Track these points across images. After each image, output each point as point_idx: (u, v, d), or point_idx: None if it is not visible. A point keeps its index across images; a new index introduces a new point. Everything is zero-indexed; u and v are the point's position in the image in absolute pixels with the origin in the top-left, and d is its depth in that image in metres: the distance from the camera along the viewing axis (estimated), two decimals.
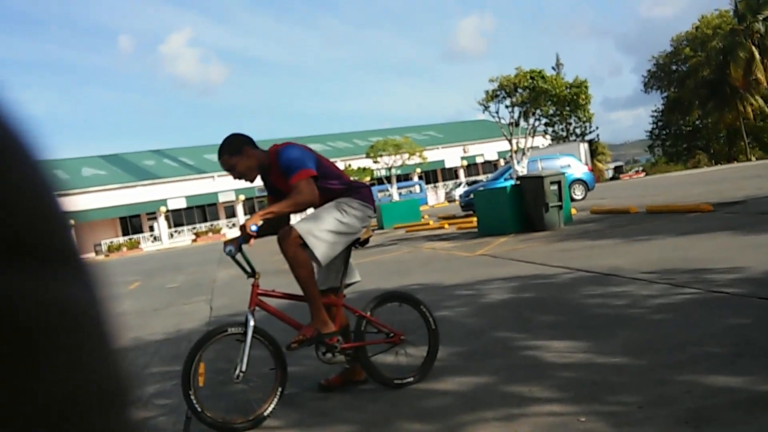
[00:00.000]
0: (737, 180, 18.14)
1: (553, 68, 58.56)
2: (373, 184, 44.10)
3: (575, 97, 15.60)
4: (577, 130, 57.41)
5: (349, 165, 40.64)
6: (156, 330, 6.91)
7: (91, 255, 43.81)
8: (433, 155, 50.84)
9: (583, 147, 38.10)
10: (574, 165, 21.35)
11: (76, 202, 43.98)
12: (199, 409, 3.20)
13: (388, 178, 26.41)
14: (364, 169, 37.98)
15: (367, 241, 3.80)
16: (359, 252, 13.16)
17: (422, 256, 10.58)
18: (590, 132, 58.25)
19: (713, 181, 19.36)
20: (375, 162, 26.76)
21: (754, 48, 42.55)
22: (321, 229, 3.48)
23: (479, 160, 56.74)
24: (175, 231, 47.28)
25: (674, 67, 56.75)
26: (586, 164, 25.84)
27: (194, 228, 47.45)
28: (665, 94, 57.93)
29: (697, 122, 56.78)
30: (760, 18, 42.89)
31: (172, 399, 4.03)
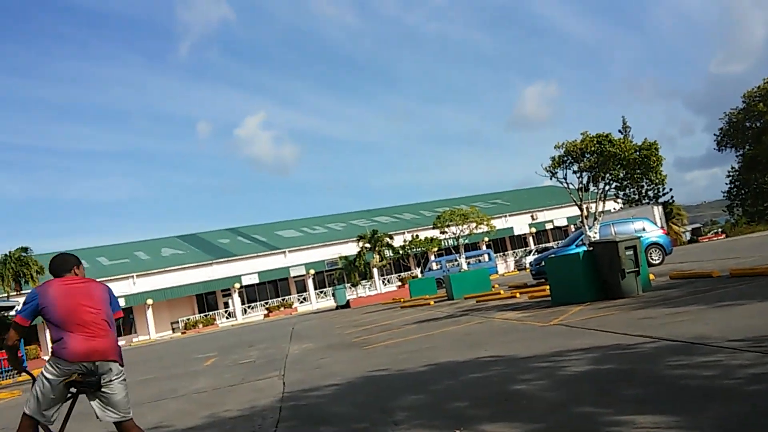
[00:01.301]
0: None
1: (620, 131, 57.82)
2: (441, 254, 43.99)
3: (645, 160, 15.25)
4: (650, 193, 55.91)
5: (416, 236, 40.79)
6: (231, 407, 6.97)
7: (169, 333, 45.04)
8: (500, 223, 50.46)
9: (658, 210, 37.00)
10: (649, 228, 20.70)
11: (156, 282, 45.56)
12: None
13: (456, 248, 26.25)
14: (432, 239, 38.00)
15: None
16: (429, 324, 13.09)
17: (494, 326, 10.36)
18: (664, 194, 56.59)
19: None
20: (442, 233, 26.73)
21: None
22: None
23: (548, 226, 55.86)
24: (249, 306, 48.18)
25: (748, 124, 55.02)
26: (662, 227, 25.01)
27: (266, 303, 48.23)
28: (740, 152, 55.99)
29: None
30: None
31: None
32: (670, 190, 57.82)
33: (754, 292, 8.76)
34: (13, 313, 29.49)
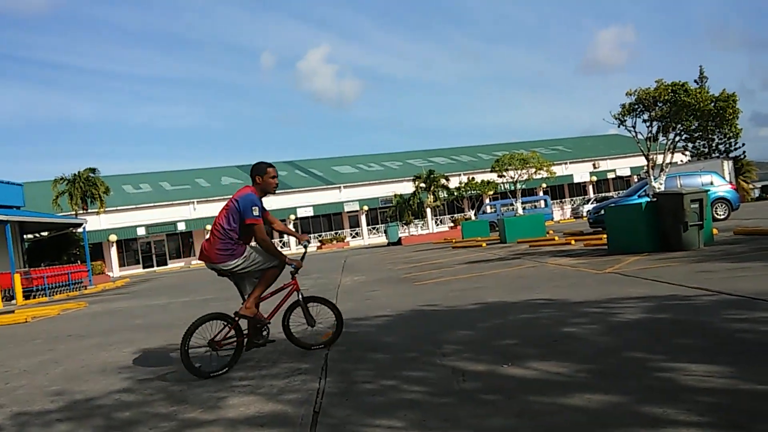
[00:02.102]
0: None
1: (696, 81, 55.01)
2: (496, 198, 43.59)
3: (721, 112, 14.55)
4: (721, 147, 53.49)
5: (472, 178, 40.44)
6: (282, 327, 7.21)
7: None
8: (560, 170, 49.39)
9: (728, 164, 35.46)
10: (717, 183, 19.93)
11: (215, 209, 47.01)
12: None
13: (513, 192, 25.95)
14: (488, 182, 37.62)
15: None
16: (479, 265, 13.18)
17: (547, 271, 10.30)
18: (736, 148, 54.04)
19: None
20: (500, 176, 26.40)
21: None
22: None
23: (610, 176, 54.41)
24: None
25: None
26: (730, 182, 24.02)
27: (320, 236, 49.15)
28: None
29: None
30: None
31: (299, 393, 4.20)
32: (743, 144, 55.20)
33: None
34: (80, 230, 31.00)
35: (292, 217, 47.09)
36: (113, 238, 43.29)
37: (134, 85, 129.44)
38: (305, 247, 5.70)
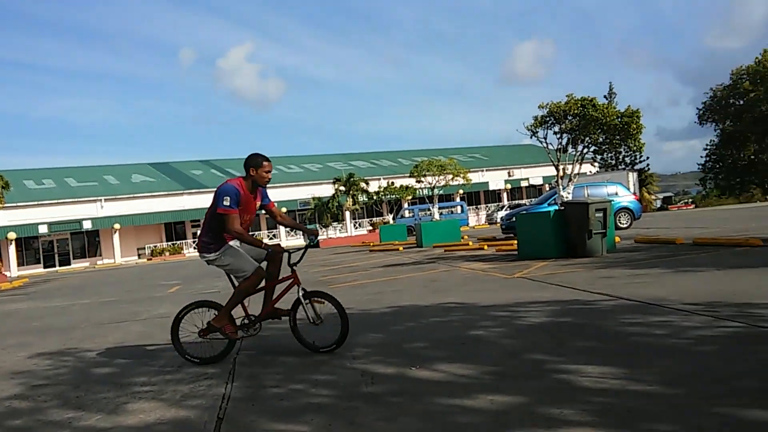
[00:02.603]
0: None
1: (605, 97, 57.89)
2: (414, 203, 44.17)
3: (626, 127, 15.36)
4: (627, 159, 56.45)
5: (392, 183, 40.79)
6: (192, 333, 7.02)
7: (134, 258, 44.87)
8: (477, 177, 50.66)
9: (632, 176, 37.41)
10: (621, 193, 20.97)
11: (124, 207, 45.09)
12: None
13: (430, 198, 26.37)
14: (407, 187, 38.06)
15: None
16: (395, 269, 13.23)
17: (459, 275, 10.52)
18: (641, 161, 57.21)
19: (765, 217, 18.76)
20: (418, 181, 26.77)
21: None
22: None
23: (524, 184, 56.28)
24: None
25: (731, 101, 55.38)
26: (634, 193, 25.36)
27: None
28: (720, 128, 56.51)
29: (753, 157, 55.16)
30: None
31: (204, 399, 4.09)
32: (647, 158, 58.54)
33: (714, 261, 9.00)
34: None
35: None
36: (12, 235, 40.79)
37: (39, 76, 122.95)
38: (312, 242, 5.48)
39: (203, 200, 45.95)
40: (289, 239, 48.91)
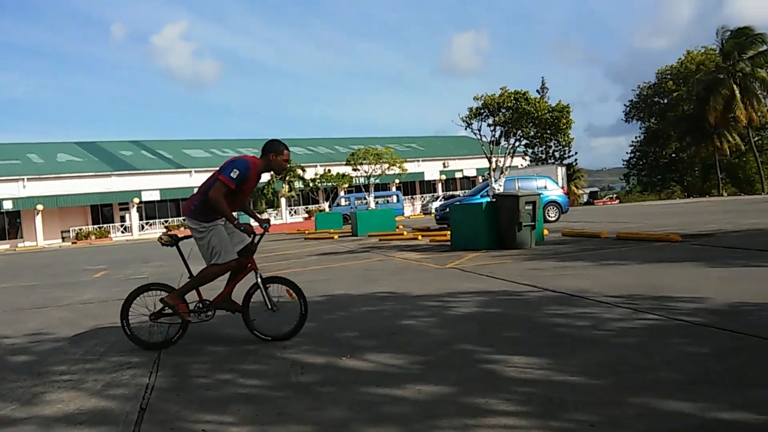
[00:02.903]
0: (708, 214, 18.49)
1: (537, 91, 59.32)
2: (350, 191, 44.12)
3: (556, 121, 15.77)
4: (557, 154, 58.10)
5: (329, 170, 40.61)
6: (117, 320, 6.80)
7: (58, 241, 43.04)
8: (413, 167, 51.03)
9: (561, 170, 38.56)
10: (550, 187, 21.58)
11: (48, 187, 43.10)
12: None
13: (366, 187, 26.41)
14: (343, 175, 37.97)
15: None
16: (329, 258, 13.20)
17: (393, 264, 10.59)
18: (569, 156, 58.97)
19: (684, 213, 19.71)
20: (354, 170, 26.74)
21: (735, 86, 43.48)
22: None
23: (458, 175, 57.10)
24: (147, 223, 46.74)
25: (656, 99, 57.78)
26: (562, 187, 26.15)
27: (166, 221, 46.93)
28: (645, 125, 58.93)
29: (674, 155, 57.82)
30: (745, 57, 43.83)
31: (127, 389, 3.97)
32: (576, 153, 60.41)
33: (636, 254, 9.39)
34: None
35: (136, 200, 44.52)
36: None
37: None
38: (265, 229, 5.34)
39: (132, 182, 44.47)
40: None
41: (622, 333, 4.56)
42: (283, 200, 45.25)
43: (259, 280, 5.07)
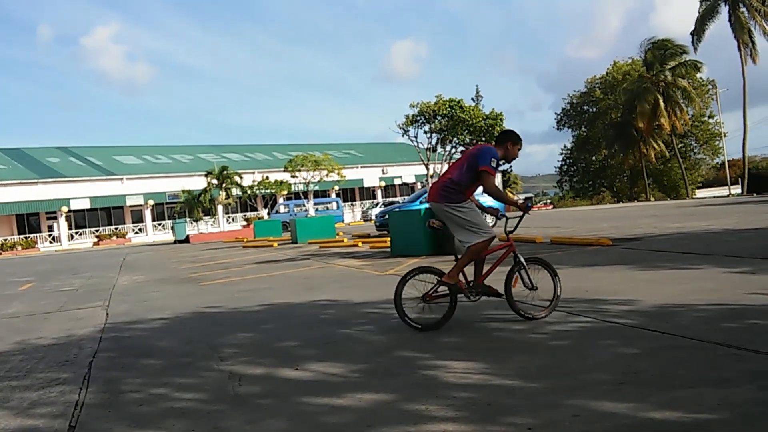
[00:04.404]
0: (636, 218, 19.21)
1: (472, 99, 60.50)
2: (290, 198, 43.72)
3: (490, 129, 16.09)
4: None
5: (267, 177, 40.12)
6: (45, 334, 6.51)
7: None
8: (352, 174, 51.03)
9: (497, 177, 39.34)
10: None
11: None
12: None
13: (305, 194, 26.24)
14: (282, 182, 37.60)
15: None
16: (269, 266, 13.01)
17: (333, 272, 10.55)
18: (503, 163, 60.20)
19: (614, 218, 20.42)
20: (293, 176, 26.52)
21: (659, 95, 45.44)
22: None
23: (397, 182, 57.47)
24: (76, 232, 45.02)
25: (586, 108, 59.78)
26: None
27: (97, 230, 45.34)
28: (576, 133, 60.85)
29: (604, 161, 59.92)
30: (667, 68, 45.88)
31: (55, 406, 3.79)
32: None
33: (569, 258, 9.65)
34: None
35: (65, 208, 42.81)
36: None
37: None
38: (526, 211, 5.53)
39: (60, 190, 42.74)
40: (156, 233, 46.75)
41: (557, 336, 4.67)
42: (220, 208, 44.43)
43: (522, 259, 5.38)
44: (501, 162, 5.27)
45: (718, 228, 12.97)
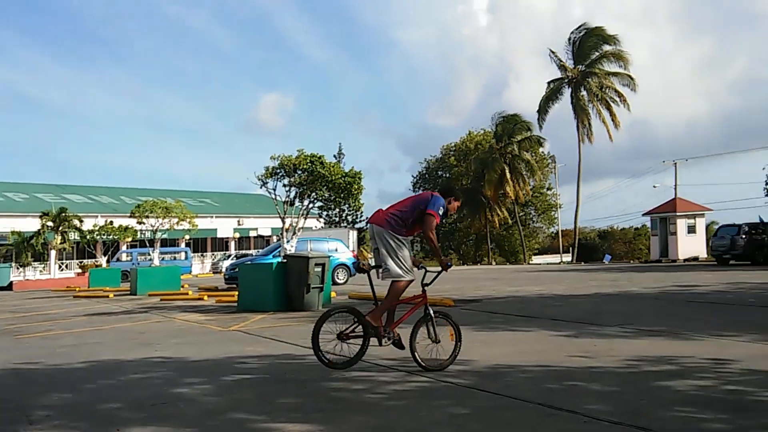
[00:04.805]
0: (478, 280, 20.24)
1: (335, 156, 61.63)
2: (134, 246, 41.28)
3: (349, 186, 16.35)
4: (349, 217, 60.24)
5: (110, 222, 37.74)
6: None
7: None
8: (205, 223, 49.40)
9: (352, 234, 39.97)
10: (341, 249, 22.19)
11: None
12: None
13: (152, 242, 24.91)
14: (126, 228, 35.48)
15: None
16: (102, 318, 12.16)
17: (173, 327, 9.99)
18: (361, 220, 61.45)
19: (459, 279, 21.36)
20: (140, 223, 25.10)
21: (505, 166, 48.93)
22: None
23: (253, 234, 56.41)
24: None
25: (440, 173, 62.92)
26: (353, 250, 27.02)
27: None
28: None
29: (453, 225, 62.99)
30: (514, 141, 49.69)
31: None
32: (367, 218, 63.29)
33: (413, 318, 9.86)
34: None
35: None
36: None
37: None
38: (446, 269, 5.61)
39: None
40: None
41: (394, 396, 4.71)
42: (53, 253, 40.91)
43: (431, 313, 5.63)
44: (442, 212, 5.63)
45: (548, 293, 13.97)
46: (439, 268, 5.65)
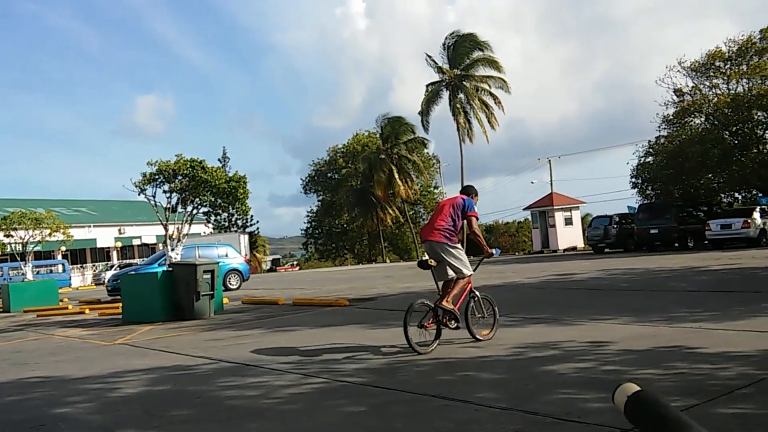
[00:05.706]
0: (373, 279, 20.45)
1: (219, 160, 60.10)
2: (4, 260, 38.22)
3: (234, 191, 15.98)
4: (239, 222, 58.94)
5: None
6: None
7: None
8: (83, 233, 46.64)
9: (244, 238, 39.12)
10: (232, 255, 21.65)
11: None
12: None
13: (23, 255, 23.16)
14: None
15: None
16: None
17: (51, 344, 9.35)
18: (252, 224, 60.34)
19: (354, 279, 21.50)
20: (7, 236, 23.25)
21: (393, 166, 49.71)
22: None
23: (136, 242, 53.84)
24: None
25: (330, 175, 62.91)
26: (245, 255, 26.46)
27: None
28: (321, 197, 63.55)
29: (346, 225, 63.24)
30: (401, 142, 50.56)
31: None
32: (257, 221, 62.30)
33: (309, 319, 9.85)
34: None
35: None
36: None
37: None
38: (490, 256, 6.80)
39: None
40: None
41: (291, 399, 4.67)
42: None
43: (478, 294, 6.64)
44: None
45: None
46: (480, 258, 7.03)
